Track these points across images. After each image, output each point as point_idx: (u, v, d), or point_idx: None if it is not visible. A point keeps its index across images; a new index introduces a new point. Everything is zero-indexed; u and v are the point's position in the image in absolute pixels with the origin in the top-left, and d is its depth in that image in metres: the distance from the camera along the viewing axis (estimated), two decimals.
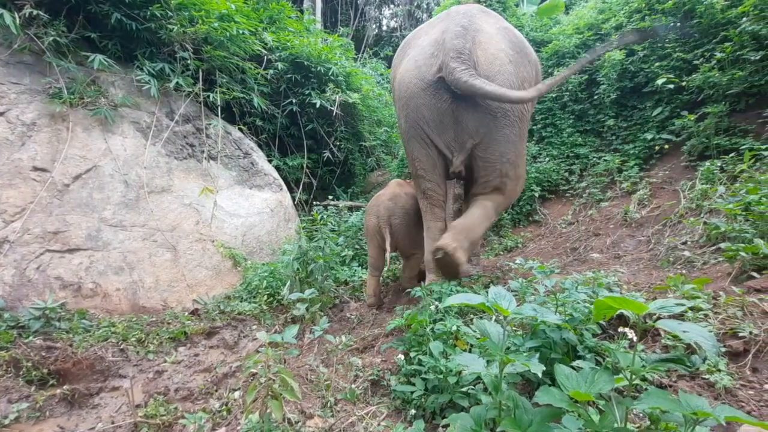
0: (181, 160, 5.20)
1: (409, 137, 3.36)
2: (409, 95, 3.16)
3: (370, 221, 4.09)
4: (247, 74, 6.46)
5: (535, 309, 1.40)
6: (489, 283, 3.20)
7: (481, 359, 1.43)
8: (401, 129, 3.45)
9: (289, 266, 3.74)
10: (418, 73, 3.13)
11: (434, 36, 3.16)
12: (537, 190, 5.60)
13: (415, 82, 3.12)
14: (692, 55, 4.88)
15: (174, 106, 5.44)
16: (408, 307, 3.53)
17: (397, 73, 3.35)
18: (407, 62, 3.23)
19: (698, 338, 1.09)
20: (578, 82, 5.72)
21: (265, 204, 6.06)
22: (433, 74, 3.05)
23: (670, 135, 4.84)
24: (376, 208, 4.04)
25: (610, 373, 1.17)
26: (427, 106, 3.12)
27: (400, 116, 3.37)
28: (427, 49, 3.14)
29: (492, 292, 1.44)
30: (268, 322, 3.98)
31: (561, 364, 1.48)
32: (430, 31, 3.33)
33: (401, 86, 3.21)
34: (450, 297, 1.55)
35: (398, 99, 3.32)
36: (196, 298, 4.55)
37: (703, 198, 3.85)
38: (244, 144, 6.37)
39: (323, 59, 7.42)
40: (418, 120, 3.20)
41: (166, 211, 4.76)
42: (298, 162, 7.42)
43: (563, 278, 2.36)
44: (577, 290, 1.98)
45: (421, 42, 3.27)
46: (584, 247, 4.27)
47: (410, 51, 3.32)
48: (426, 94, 3.09)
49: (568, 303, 2.00)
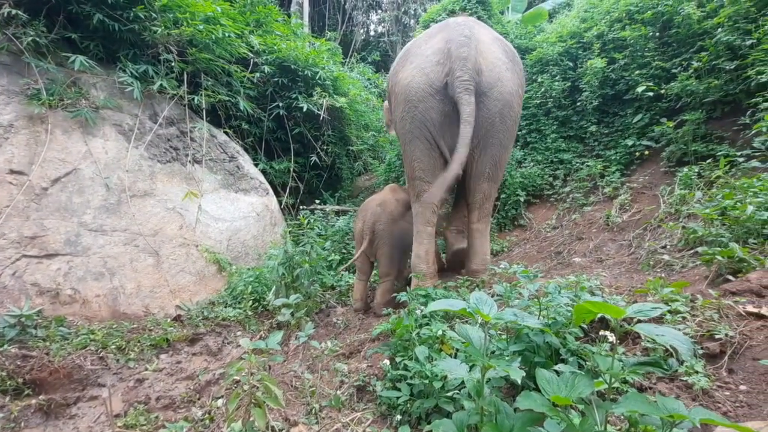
0: (164, 164, 5.13)
1: (412, 138, 3.49)
2: (418, 99, 3.35)
3: (357, 225, 4.09)
4: (233, 77, 6.41)
5: (515, 314, 1.42)
6: (474, 287, 3.23)
7: (463, 365, 1.44)
8: (403, 130, 3.56)
9: (275, 271, 3.70)
10: (426, 79, 3.33)
11: (438, 45, 3.36)
12: (522, 195, 5.67)
13: (424, 87, 3.32)
14: (670, 64, 5.02)
15: (158, 108, 5.37)
16: (394, 312, 3.53)
17: (399, 79, 3.52)
18: (412, 69, 3.41)
19: (674, 341, 1.11)
20: (561, 89, 5.82)
21: (251, 208, 6.01)
22: (440, 80, 3.27)
23: (650, 141, 4.96)
24: (364, 212, 4.04)
25: (590, 377, 1.19)
26: (435, 109, 3.33)
27: (404, 119, 3.50)
28: (432, 57, 3.34)
29: (473, 298, 1.46)
30: (253, 328, 3.94)
31: (544, 368, 1.50)
32: (429, 41, 3.50)
33: (408, 91, 3.38)
34: (432, 303, 1.56)
35: (403, 102, 3.46)
36: (179, 304, 4.48)
37: (682, 203, 3.95)
38: (229, 147, 6.32)
39: (310, 63, 7.40)
40: (425, 122, 3.39)
41: (149, 215, 4.68)
42: (285, 166, 7.38)
43: (546, 282, 2.39)
44: (560, 294, 2.01)
45: (424, 51, 3.45)
46: (567, 251, 4.33)
47: (413, 59, 3.49)
48: (434, 99, 3.31)
49: (551, 307, 2.02)
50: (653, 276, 2.84)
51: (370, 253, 4.00)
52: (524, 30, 7.18)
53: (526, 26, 7.52)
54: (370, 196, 5.13)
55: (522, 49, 6.70)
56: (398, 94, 3.51)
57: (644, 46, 5.27)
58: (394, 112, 3.74)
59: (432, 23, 7.22)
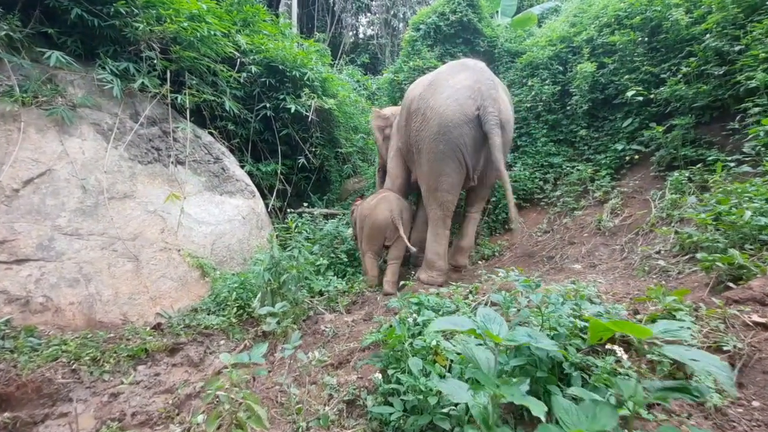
0: (145, 165, 4.93)
1: (444, 157, 4.10)
2: (453, 125, 3.98)
3: (382, 215, 4.71)
4: (218, 77, 6.25)
5: (530, 335, 1.31)
6: (468, 293, 3.13)
7: (465, 387, 1.31)
8: (433, 149, 4.12)
9: (260, 277, 3.56)
10: (461, 109, 3.97)
11: (467, 83, 4.05)
12: None
13: (459, 116, 3.96)
14: (659, 69, 5.03)
15: (139, 107, 5.18)
16: (386, 320, 3.42)
17: (431, 105, 4.11)
18: (446, 99, 4.04)
19: (710, 368, 1.02)
20: (551, 93, 5.81)
21: (237, 211, 5.84)
22: (473, 112, 3.95)
23: (639, 146, 4.96)
24: (388, 204, 4.77)
25: (613, 407, 1.09)
26: (468, 135, 4.01)
27: (436, 140, 4.07)
28: (464, 92, 4.00)
29: (481, 315, 1.35)
30: (237, 336, 3.78)
31: (546, 383, 1.40)
32: (455, 76, 4.17)
33: (443, 117, 4.00)
34: (436, 322, 1.44)
35: (437, 126, 4.04)
36: (159, 311, 4.29)
37: (673, 207, 3.93)
38: (214, 148, 6.14)
39: (298, 64, 7.27)
40: (459, 145, 4.04)
41: (128, 218, 4.49)
42: (272, 168, 7.22)
43: (547, 291, 2.30)
44: (562, 305, 1.92)
45: (453, 84, 4.09)
46: (560, 255, 4.28)
47: (443, 90, 4.10)
48: (468, 126, 3.97)
49: (552, 317, 1.94)
50: (649, 282, 2.79)
51: (391, 237, 4.77)
52: (514, 34, 7.17)
53: (516, 30, 7.51)
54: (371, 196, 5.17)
55: (512, 52, 6.69)
56: (430, 118, 4.08)
57: (633, 51, 5.28)
58: (418, 130, 4.26)
59: (422, 25, 7.17)
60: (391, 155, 5.47)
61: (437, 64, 6.30)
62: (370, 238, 4.83)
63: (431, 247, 4.44)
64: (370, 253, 4.89)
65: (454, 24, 6.93)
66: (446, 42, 6.73)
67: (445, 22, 6.94)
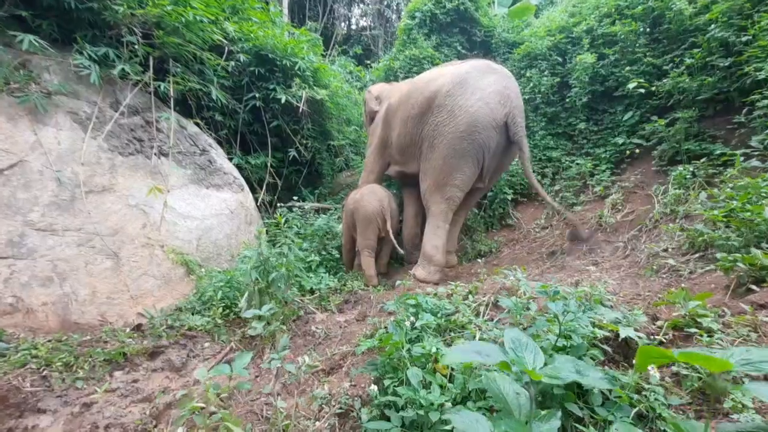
0: (126, 156, 4.67)
1: (465, 155, 4.11)
2: (482, 128, 4.01)
3: (371, 206, 4.68)
4: (205, 65, 5.97)
5: (577, 369, 1.10)
6: (467, 293, 2.96)
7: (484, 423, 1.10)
8: (455, 146, 4.10)
9: (247, 275, 3.35)
10: (491, 113, 4.01)
11: (496, 87, 4.09)
12: (509, 194, 5.47)
13: (489, 120, 4.00)
14: (661, 61, 4.89)
15: (120, 95, 4.90)
16: (381, 321, 3.25)
17: (461, 104, 4.07)
18: (477, 101, 4.03)
19: None
20: (550, 85, 5.64)
21: (224, 205, 5.60)
22: (501, 118, 4.03)
23: (640, 139, 4.82)
24: (376, 195, 4.75)
25: None
26: (493, 139, 4.09)
27: (462, 138, 4.06)
28: (494, 97, 4.03)
29: (510, 340, 1.14)
30: (223, 338, 3.58)
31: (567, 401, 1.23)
32: (484, 77, 4.17)
33: (473, 118, 4.00)
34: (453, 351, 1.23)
35: (465, 125, 4.02)
36: (141, 311, 4.06)
37: (677, 203, 3.80)
38: (200, 140, 5.88)
39: (289, 53, 7.00)
40: (483, 147, 4.09)
41: (108, 212, 4.24)
42: (262, 161, 6.97)
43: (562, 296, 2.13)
44: (583, 312, 1.75)
45: (483, 87, 4.09)
46: (559, 252, 4.13)
47: (474, 91, 4.08)
48: (495, 131, 4.04)
49: (568, 325, 1.77)
50: (659, 282, 2.65)
51: (383, 229, 4.75)
52: (511, 24, 6.98)
53: (513, 20, 7.33)
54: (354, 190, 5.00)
55: (509, 43, 6.51)
56: (458, 116, 4.06)
57: (635, 42, 5.13)
58: (438, 125, 4.21)
59: (418, 13, 6.94)
60: (372, 146, 5.32)
61: (434, 54, 6.11)
62: (364, 232, 4.74)
63: (430, 240, 4.35)
64: (367, 250, 4.78)
65: (451, 12, 6.72)
66: (442, 31, 6.52)
67: (441, 10, 6.72)
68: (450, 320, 2.53)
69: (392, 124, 4.94)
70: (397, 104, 4.87)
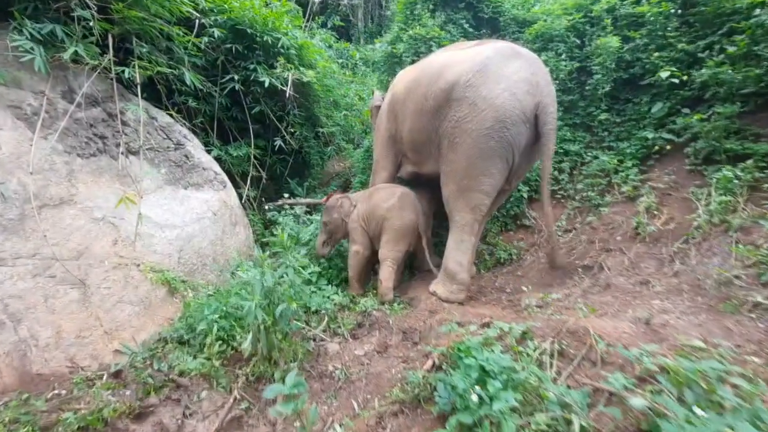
0: (87, 158, 3.89)
1: (493, 155, 3.57)
2: (511, 122, 3.48)
3: (408, 217, 4.17)
4: (174, 42, 5.11)
5: None
6: (522, 334, 2.51)
7: None
8: (482, 144, 3.56)
9: (252, 315, 2.79)
10: (519, 105, 3.46)
11: (523, 74, 3.52)
12: (525, 190, 5.03)
13: (518, 113, 3.48)
14: (694, 47, 4.46)
15: (74, 83, 4.05)
16: (415, 364, 2.78)
17: (485, 95, 3.51)
18: (502, 91, 3.47)
19: None
20: (569, 71, 5.14)
21: (206, 207, 4.91)
22: (531, 110, 3.50)
23: (671, 134, 4.44)
24: (413, 204, 4.24)
25: None
26: (523, 135, 3.57)
27: (488, 135, 3.52)
28: (522, 85, 3.48)
29: None
30: (223, 383, 3.02)
31: None
32: (509, 64, 3.57)
33: (501, 111, 3.46)
34: None
35: (492, 120, 3.48)
36: (119, 347, 3.43)
37: (726, 211, 3.46)
38: (174, 131, 5.09)
39: (270, 27, 6.16)
40: (513, 145, 3.58)
41: (68, 230, 3.51)
42: (245, 151, 6.23)
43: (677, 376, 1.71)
44: None
45: (508, 75, 3.51)
46: (597, 265, 3.76)
47: (498, 79, 3.51)
48: (524, 126, 3.54)
49: None
50: (754, 326, 2.29)
51: (415, 245, 4.34)
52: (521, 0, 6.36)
53: None
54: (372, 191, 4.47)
55: (519, 21, 5.92)
56: (482, 110, 3.49)
57: (664, 25, 4.67)
58: (460, 121, 3.64)
59: None
60: (379, 144, 4.68)
61: (440, 34, 5.45)
62: (395, 244, 4.20)
63: (453, 255, 3.83)
64: (391, 261, 4.19)
65: None
66: (446, 6, 5.84)
67: None
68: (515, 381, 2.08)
69: (401, 116, 4.32)
70: (405, 93, 4.23)
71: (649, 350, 2.03)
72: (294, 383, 1.90)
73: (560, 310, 3.05)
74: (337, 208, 4.50)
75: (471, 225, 3.80)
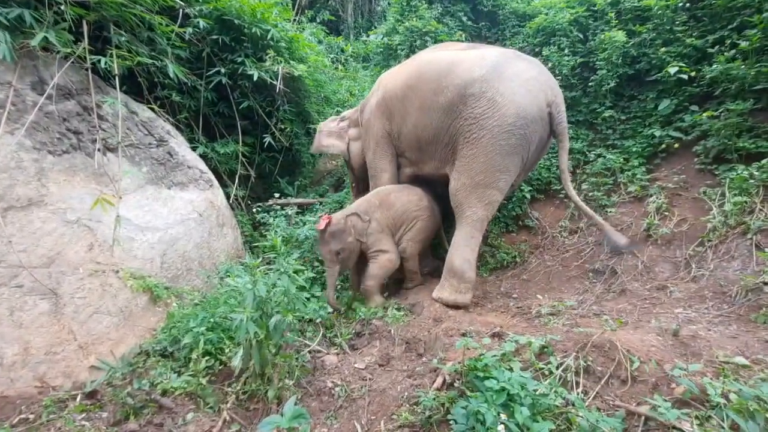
0: (59, 155, 3.56)
1: (512, 152, 3.52)
2: (530, 120, 3.46)
3: (436, 216, 4.21)
4: (156, 32, 4.77)
5: None
6: (541, 348, 2.30)
7: None
8: (503, 142, 3.48)
9: (243, 329, 2.52)
10: (537, 102, 3.47)
11: (533, 73, 3.56)
12: (527, 190, 4.84)
13: (536, 111, 3.47)
14: (702, 42, 4.32)
15: (45, 73, 3.71)
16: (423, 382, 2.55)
17: (503, 92, 3.45)
18: (519, 88, 3.45)
19: None
20: (571, 66, 4.96)
21: (191, 207, 4.61)
22: (545, 108, 3.52)
23: (678, 132, 4.29)
24: (435, 209, 4.20)
25: None
26: (538, 132, 3.56)
27: (510, 132, 3.45)
28: (534, 83, 3.50)
29: None
30: (211, 403, 2.75)
31: None
32: (515, 64, 3.59)
33: (520, 107, 3.43)
34: None
35: (513, 116, 3.43)
36: (95, 363, 3.14)
37: (743, 213, 3.31)
38: (156, 127, 4.76)
39: (258, 18, 5.84)
40: (530, 142, 3.56)
41: (38, 235, 3.19)
42: (232, 149, 5.91)
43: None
44: None
45: (519, 72, 3.53)
46: (609, 269, 3.58)
47: (511, 76, 3.49)
48: (541, 123, 3.53)
49: None
50: None
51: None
52: None
53: None
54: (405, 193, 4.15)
55: (519, 14, 5.73)
56: (502, 106, 3.43)
57: (672, 19, 4.52)
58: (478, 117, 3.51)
59: None
60: (373, 146, 4.37)
61: (438, 27, 5.22)
62: (424, 240, 4.22)
63: (462, 252, 3.64)
64: (415, 254, 4.13)
65: None
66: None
67: None
68: (543, 406, 1.87)
69: (398, 114, 4.06)
70: (405, 89, 3.97)
71: (688, 369, 1.83)
72: (293, 414, 1.65)
73: (575, 318, 2.85)
74: (349, 229, 3.94)
75: (482, 222, 3.69)
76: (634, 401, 1.92)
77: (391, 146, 4.29)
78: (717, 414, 1.63)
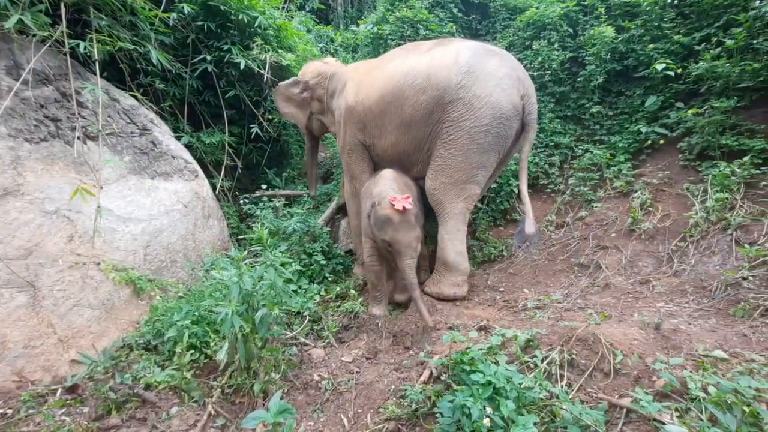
0: (36, 143, 3.45)
1: (490, 149, 3.64)
2: (506, 117, 3.55)
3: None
4: (138, 16, 4.61)
5: None
6: (527, 342, 2.33)
7: None
8: (481, 141, 3.56)
9: (228, 323, 2.49)
10: (511, 99, 3.54)
11: (505, 70, 3.60)
12: (515, 185, 4.86)
13: (510, 108, 3.55)
14: (689, 39, 4.36)
15: (20, 58, 3.57)
16: (409, 376, 2.56)
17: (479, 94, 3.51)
18: (494, 88, 3.51)
19: None
20: (561, 61, 4.97)
21: (176, 198, 4.51)
22: (519, 103, 3.60)
23: (664, 129, 4.35)
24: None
25: None
26: (514, 128, 3.66)
27: (487, 131, 3.54)
28: (508, 81, 3.56)
29: None
30: (196, 396, 2.72)
31: None
32: (488, 61, 3.62)
33: (496, 108, 3.51)
34: None
35: (489, 117, 3.51)
36: (76, 357, 3.07)
37: (724, 209, 3.38)
38: (139, 115, 4.64)
39: (245, 5, 5.70)
40: (506, 138, 3.68)
41: (15, 225, 3.09)
42: (218, 139, 5.78)
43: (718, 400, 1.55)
44: None
45: (493, 71, 3.57)
46: (594, 263, 3.63)
47: (486, 78, 3.54)
48: (515, 119, 3.62)
49: None
50: (766, 329, 2.17)
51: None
52: None
53: None
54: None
55: (509, 7, 5.70)
56: (478, 108, 3.52)
57: (660, 16, 4.54)
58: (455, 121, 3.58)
59: None
60: (347, 149, 4.25)
61: (428, 17, 5.17)
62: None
63: (452, 245, 3.69)
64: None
65: None
66: None
67: None
68: (528, 399, 1.89)
69: (375, 129, 3.92)
70: (381, 105, 3.80)
71: (669, 362, 1.86)
72: (279, 409, 1.64)
73: (560, 312, 2.89)
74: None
75: (464, 215, 3.78)
76: (617, 394, 1.96)
77: (366, 152, 4.22)
78: (696, 406, 1.67)
